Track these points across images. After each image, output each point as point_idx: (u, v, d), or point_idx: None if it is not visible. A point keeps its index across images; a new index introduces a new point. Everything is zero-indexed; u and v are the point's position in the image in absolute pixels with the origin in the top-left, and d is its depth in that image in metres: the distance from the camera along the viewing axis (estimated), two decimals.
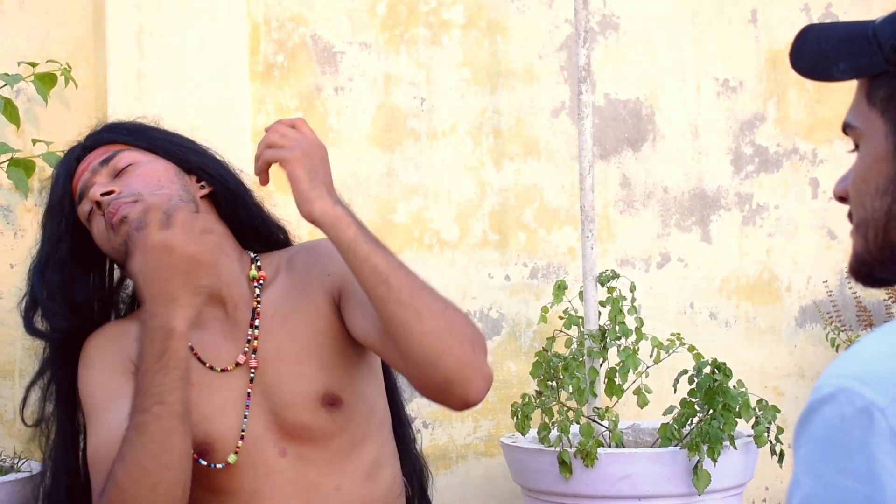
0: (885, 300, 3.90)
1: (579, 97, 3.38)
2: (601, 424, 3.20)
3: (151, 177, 2.08)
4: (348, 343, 2.06)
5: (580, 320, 3.38)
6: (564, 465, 3.06)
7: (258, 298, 2.09)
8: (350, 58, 3.67)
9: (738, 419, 3.09)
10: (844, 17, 4.00)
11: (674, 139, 3.88)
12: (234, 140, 3.47)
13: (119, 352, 2.06)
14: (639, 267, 3.83)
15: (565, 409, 3.20)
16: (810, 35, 1.22)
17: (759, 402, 3.17)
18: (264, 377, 2.03)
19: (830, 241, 3.97)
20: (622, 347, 3.28)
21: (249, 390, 2.02)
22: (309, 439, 2.02)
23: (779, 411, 3.19)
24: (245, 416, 2.01)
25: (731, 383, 3.13)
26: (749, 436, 3.17)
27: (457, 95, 3.73)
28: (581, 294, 3.41)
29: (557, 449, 3.09)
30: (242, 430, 2.00)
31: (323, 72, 3.65)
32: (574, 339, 3.36)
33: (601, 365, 3.32)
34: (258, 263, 2.12)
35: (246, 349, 2.04)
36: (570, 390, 3.20)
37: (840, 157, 3.98)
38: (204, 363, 2.04)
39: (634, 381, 3.32)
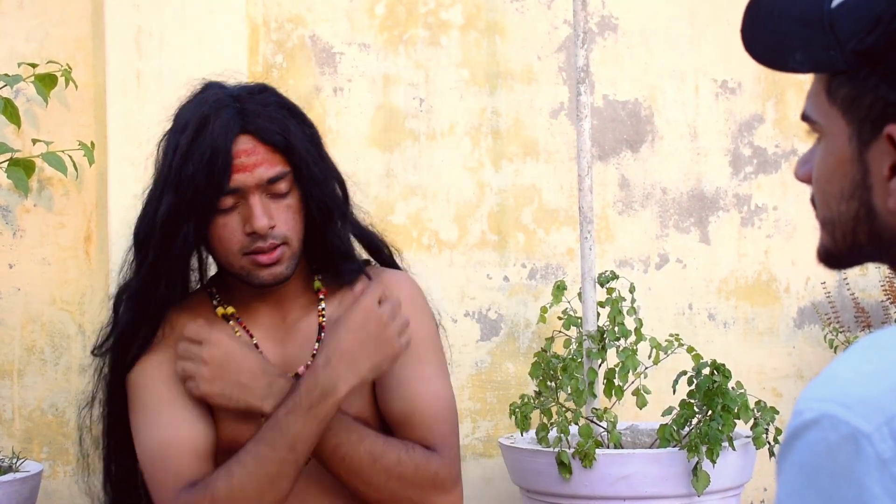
0: (882, 301, 3.91)
1: (578, 98, 3.38)
2: (600, 425, 3.20)
3: (296, 220, 2.00)
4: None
5: (579, 321, 3.38)
6: (563, 466, 3.06)
7: (322, 312, 2.08)
8: (349, 58, 3.67)
9: (736, 420, 3.09)
10: None
11: (672, 140, 3.88)
12: None
13: (174, 376, 2.03)
14: (637, 268, 3.84)
15: (564, 409, 3.21)
16: (763, 11, 1.14)
17: (758, 403, 3.17)
18: None
19: None
20: (621, 348, 3.28)
21: None
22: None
23: (777, 412, 3.19)
24: None
25: (730, 384, 3.13)
26: (747, 437, 3.17)
27: (455, 96, 3.73)
28: (580, 295, 3.41)
29: (556, 449, 3.09)
30: None
31: (322, 72, 3.65)
32: (573, 340, 3.37)
33: (600, 366, 3.32)
34: (320, 277, 2.10)
35: (310, 362, 2.03)
36: (569, 391, 3.20)
37: None
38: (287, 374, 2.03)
39: (633, 382, 3.33)
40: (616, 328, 3.30)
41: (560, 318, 3.44)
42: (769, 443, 3.15)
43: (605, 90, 3.84)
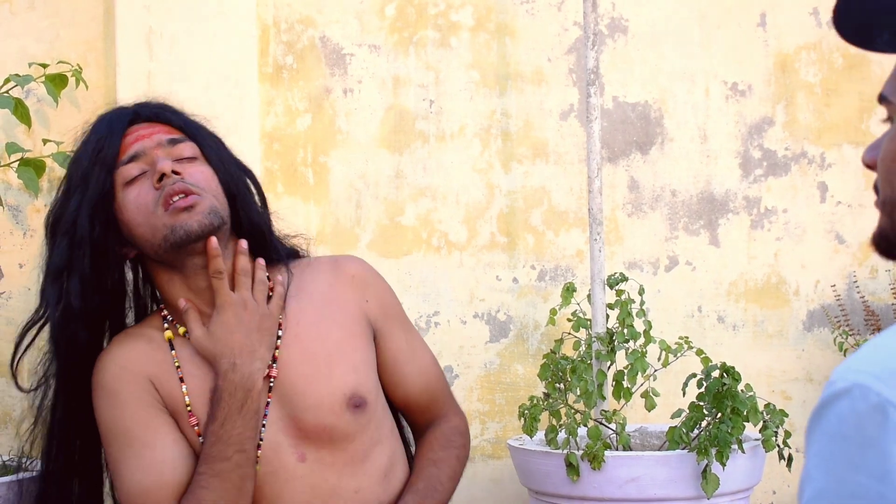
0: (892, 304, 3.90)
1: (588, 100, 3.38)
2: (609, 427, 3.20)
3: (209, 179, 2.05)
4: (374, 349, 2.12)
5: (588, 323, 3.38)
6: (572, 468, 3.06)
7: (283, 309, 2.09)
8: (359, 60, 3.67)
9: (746, 423, 3.09)
10: None
11: (682, 142, 3.88)
12: (242, 141, 3.47)
13: (141, 380, 2.03)
14: (647, 270, 3.83)
15: (573, 411, 3.20)
16: None
17: (767, 406, 3.17)
18: (285, 382, 2.04)
19: (839, 245, 3.97)
20: (630, 350, 3.28)
21: (269, 400, 2.02)
22: (329, 442, 2.02)
23: (787, 415, 3.19)
24: (263, 426, 2.01)
25: (740, 387, 3.12)
26: (757, 439, 3.17)
27: (465, 97, 3.73)
28: (589, 297, 3.41)
29: (565, 451, 3.09)
30: (260, 440, 2.01)
31: (332, 73, 3.65)
32: (582, 342, 3.36)
33: (609, 368, 3.32)
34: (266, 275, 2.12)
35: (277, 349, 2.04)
36: (578, 393, 3.20)
37: (849, 162, 3.97)
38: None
39: (642, 385, 3.32)
40: (625, 330, 3.29)
41: (569, 320, 3.44)
42: (778, 445, 3.15)
43: (615, 92, 3.84)
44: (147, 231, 2.01)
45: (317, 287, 2.11)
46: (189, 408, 2.01)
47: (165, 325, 2.08)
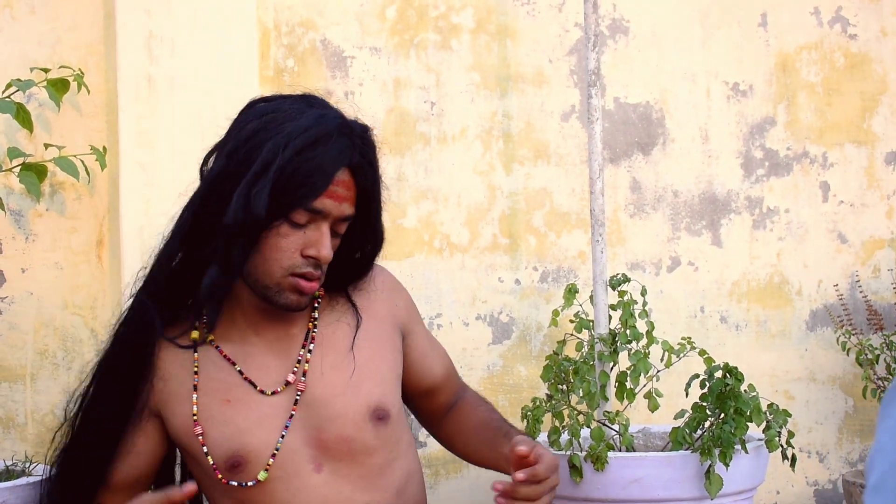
0: (895, 303, 3.90)
1: (589, 101, 3.38)
2: (612, 428, 3.20)
3: (330, 255, 2.02)
4: (401, 354, 2.15)
5: (591, 324, 3.38)
6: (575, 469, 3.06)
7: (314, 321, 2.09)
8: (360, 62, 3.67)
9: (749, 423, 3.09)
10: (854, 20, 3.99)
11: (684, 143, 3.88)
12: None
13: (188, 381, 2.05)
14: (649, 271, 3.83)
15: (576, 412, 3.20)
16: None
17: (770, 405, 3.17)
18: (313, 392, 2.04)
19: (841, 244, 3.97)
20: (633, 351, 3.27)
21: (293, 412, 2.02)
22: (348, 453, 2.02)
23: (790, 415, 3.18)
24: (283, 433, 2.01)
25: (743, 387, 3.12)
26: (760, 440, 3.17)
27: (466, 99, 3.73)
28: (591, 298, 3.40)
29: (568, 453, 3.08)
30: (276, 448, 2.00)
31: (333, 76, 3.66)
32: (584, 343, 3.36)
33: (612, 369, 3.32)
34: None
35: (295, 370, 2.04)
36: (581, 394, 3.20)
37: (851, 161, 3.97)
38: (255, 386, 2.03)
39: (645, 385, 3.32)
40: (628, 331, 3.29)
41: (572, 322, 3.44)
42: (782, 446, 3.14)
43: (617, 93, 3.84)
44: (263, 271, 1.99)
45: (353, 297, 2.15)
46: (195, 417, 2.00)
47: (196, 324, 2.08)
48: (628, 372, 3.27)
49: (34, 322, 3.41)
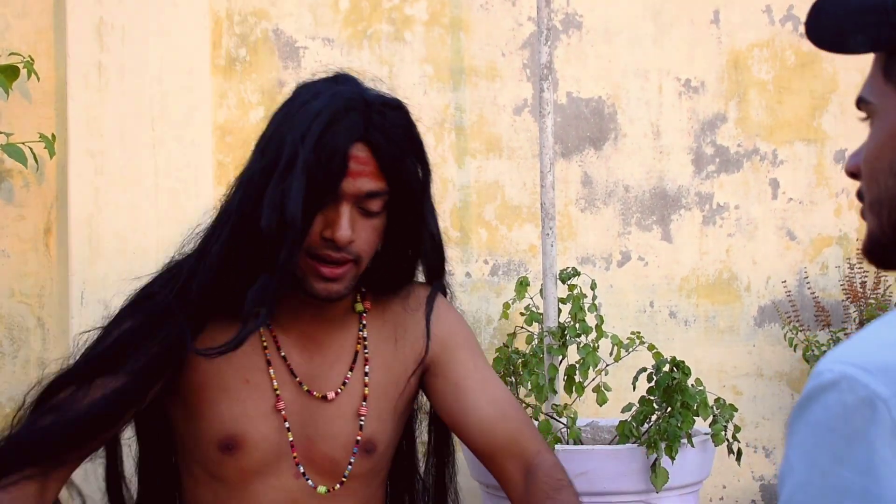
0: (842, 301, 3.93)
1: (541, 95, 3.39)
2: (560, 421, 3.21)
3: (372, 242, 1.91)
4: (412, 399, 2.06)
5: (541, 317, 3.38)
6: None
7: (363, 338, 2.03)
8: (312, 53, 3.66)
9: (695, 417, 3.11)
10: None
11: (635, 138, 3.89)
12: (194, 134, 3.46)
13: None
14: (599, 265, 3.85)
15: (525, 405, 3.21)
16: (827, 4, 1.19)
17: (717, 400, 3.19)
18: (319, 406, 2.00)
19: (790, 241, 3.99)
20: (582, 345, 3.29)
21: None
22: (331, 474, 2.00)
23: (736, 410, 3.20)
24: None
25: (690, 382, 3.14)
26: (706, 434, 3.19)
27: (419, 92, 3.73)
28: (542, 291, 3.41)
29: None
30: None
31: (285, 66, 3.64)
32: (535, 336, 3.37)
33: (561, 362, 3.33)
34: (363, 291, 2.04)
35: (340, 389, 1.99)
36: (530, 387, 3.20)
37: (800, 159, 4.00)
38: (310, 392, 1.98)
39: (594, 379, 3.33)
40: (577, 325, 3.30)
41: (522, 314, 3.45)
42: (728, 440, 3.16)
43: (569, 87, 3.85)
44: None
45: (390, 321, 2.05)
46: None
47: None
48: (577, 365, 3.28)
49: None
